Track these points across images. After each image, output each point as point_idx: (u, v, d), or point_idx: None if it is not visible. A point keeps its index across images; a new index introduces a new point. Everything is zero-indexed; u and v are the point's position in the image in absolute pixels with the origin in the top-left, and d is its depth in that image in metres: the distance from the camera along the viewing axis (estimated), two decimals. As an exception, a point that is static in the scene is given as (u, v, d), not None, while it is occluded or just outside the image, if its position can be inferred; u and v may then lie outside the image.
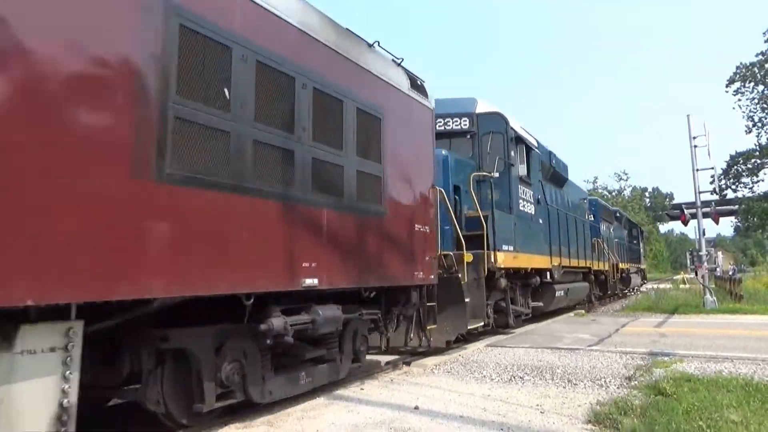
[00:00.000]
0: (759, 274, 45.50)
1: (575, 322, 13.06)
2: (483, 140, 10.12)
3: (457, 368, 6.77)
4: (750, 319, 12.74)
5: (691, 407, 4.49)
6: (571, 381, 5.95)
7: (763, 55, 37.99)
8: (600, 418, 4.36)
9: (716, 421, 4.11)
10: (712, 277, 21.75)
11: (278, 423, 4.48)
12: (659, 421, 4.10)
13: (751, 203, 40.89)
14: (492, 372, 6.47)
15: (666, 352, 7.73)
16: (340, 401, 5.19)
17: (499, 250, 9.24)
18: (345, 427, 4.34)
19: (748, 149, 40.62)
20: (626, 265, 25.70)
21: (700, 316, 13.83)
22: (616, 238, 24.04)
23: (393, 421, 4.45)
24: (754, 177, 40.76)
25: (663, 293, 21.69)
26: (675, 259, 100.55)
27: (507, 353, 7.86)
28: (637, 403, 4.73)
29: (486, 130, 10.16)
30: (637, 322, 12.67)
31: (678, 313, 14.65)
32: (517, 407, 4.87)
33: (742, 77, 39.47)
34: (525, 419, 4.48)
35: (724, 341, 8.81)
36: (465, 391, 5.52)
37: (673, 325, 11.84)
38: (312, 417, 4.63)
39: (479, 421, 4.43)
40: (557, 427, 4.24)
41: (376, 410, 4.81)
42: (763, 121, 39.44)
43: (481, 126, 10.19)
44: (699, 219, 17.42)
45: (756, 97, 39.30)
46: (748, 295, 19.17)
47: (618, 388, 5.58)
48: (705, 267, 17.36)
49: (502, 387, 5.76)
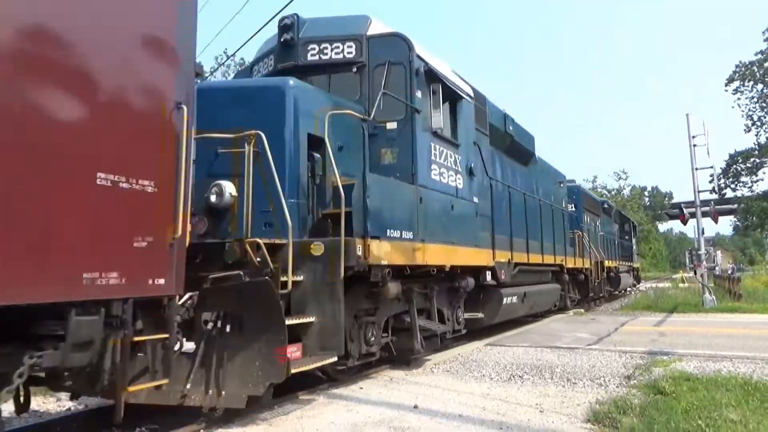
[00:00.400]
0: (758, 273, 45.53)
1: (574, 321, 13.07)
2: (375, 74, 6.87)
3: (457, 367, 6.78)
4: (749, 318, 12.74)
5: (690, 406, 4.50)
6: (571, 380, 5.95)
7: (763, 53, 38.02)
8: (599, 417, 4.36)
9: (715, 420, 4.11)
10: (711, 276, 21.77)
11: (277, 422, 4.48)
12: (658, 420, 4.11)
13: (750, 202, 40.95)
14: (491, 371, 6.48)
15: (665, 351, 7.73)
16: (339, 400, 5.19)
17: (381, 237, 5.77)
18: (344, 426, 4.34)
19: (748, 148, 40.67)
20: (615, 263, 22.75)
21: (699, 315, 13.83)
22: (603, 232, 21.55)
23: (392, 420, 4.46)
24: (753, 176, 40.83)
25: (662, 292, 21.72)
26: (674, 258, 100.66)
27: (506, 352, 7.87)
28: (636, 402, 4.73)
29: (379, 61, 6.87)
30: (636, 320, 12.68)
31: (677, 312, 14.66)
32: (517, 406, 4.87)
33: (742, 76, 39.49)
34: (524, 418, 4.49)
35: (723, 340, 8.82)
36: (464, 390, 5.52)
37: (672, 324, 11.85)
38: (311, 416, 4.63)
39: (478, 420, 4.43)
40: (556, 426, 4.25)
41: (376, 409, 4.81)
42: (762, 120, 39.50)
43: (372, 54, 6.91)
44: (698, 218, 17.45)
45: (755, 96, 39.34)
46: (747, 294, 19.19)
47: (617, 387, 5.59)
48: (704, 266, 17.38)
49: (502, 386, 5.76)
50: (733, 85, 39.95)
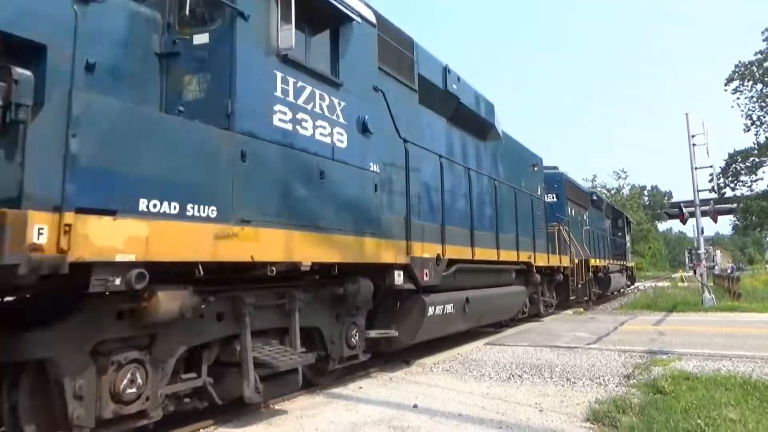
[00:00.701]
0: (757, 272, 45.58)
1: (574, 320, 13.08)
2: None
3: (456, 366, 6.78)
4: (748, 317, 12.77)
5: (690, 405, 4.51)
6: (570, 379, 5.96)
7: (762, 53, 38.03)
8: (599, 417, 4.37)
9: (714, 419, 4.12)
10: (710, 275, 21.79)
11: (277, 422, 4.49)
12: (658, 420, 4.11)
13: (749, 202, 40.93)
14: (491, 370, 6.48)
15: (664, 350, 7.75)
16: (339, 400, 5.19)
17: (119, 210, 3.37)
18: (344, 425, 4.34)
19: (747, 148, 40.65)
20: (604, 262, 20.24)
21: (699, 314, 13.85)
22: (591, 227, 19.17)
23: (392, 420, 4.46)
24: (752, 175, 40.80)
25: (661, 291, 21.75)
26: (674, 258, 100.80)
27: (506, 351, 7.88)
28: (635, 402, 4.74)
29: None
30: (636, 320, 12.69)
31: (676, 311, 14.69)
32: (516, 405, 4.88)
33: (741, 76, 39.49)
34: (524, 417, 4.49)
35: (723, 339, 8.83)
36: (464, 390, 5.53)
37: (672, 323, 11.86)
38: (311, 416, 4.64)
39: (478, 420, 4.44)
40: (556, 426, 4.25)
41: (376, 409, 4.82)
42: (761, 120, 39.45)
43: None
44: (697, 217, 17.47)
45: (755, 96, 39.31)
46: (746, 293, 19.22)
47: (616, 386, 5.60)
48: (703, 265, 17.39)
49: (501, 385, 5.77)
50: (733, 84, 39.98)
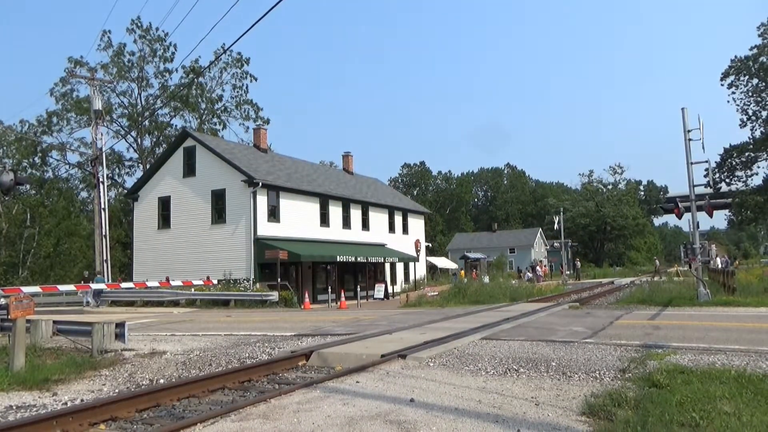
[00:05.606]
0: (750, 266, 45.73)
1: (570, 315, 13.12)
2: None
3: (453, 361, 6.79)
4: (743, 312, 12.83)
5: (685, 399, 4.53)
6: (566, 373, 5.98)
7: (757, 48, 38.11)
8: (594, 410, 4.39)
9: (709, 412, 4.14)
10: (705, 269, 21.85)
11: (274, 416, 4.49)
12: (653, 413, 4.13)
13: (744, 197, 41.10)
14: (487, 364, 6.50)
15: (660, 344, 7.78)
16: (336, 394, 5.20)
17: None
18: (341, 419, 4.35)
19: (742, 142, 40.78)
20: None
21: (694, 309, 13.92)
22: None
23: (389, 414, 4.47)
24: (747, 170, 40.95)
25: (657, 286, 21.82)
26: (669, 252, 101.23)
27: (502, 346, 7.90)
28: (631, 395, 4.76)
29: None
30: (631, 314, 12.74)
31: (672, 306, 14.75)
32: (512, 399, 4.89)
33: (737, 70, 39.58)
34: (520, 411, 4.51)
35: (718, 333, 8.87)
36: (460, 384, 5.54)
37: (667, 317, 11.91)
38: (308, 410, 4.64)
39: (474, 413, 4.45)
40: (552, 419, 4.27)
41: (372, 403, 4.82)
42: (757, 115, 39.60)
43: None
44: (693, 212, 17.50)
45: (750, 91, 39.43)
46: (741, 287, 19.29)
47: (612, 380, 5.62)
48: (698, 260, 17.44)
49: (498, 379, 5.78)
50: (728, 79, 40.06)
